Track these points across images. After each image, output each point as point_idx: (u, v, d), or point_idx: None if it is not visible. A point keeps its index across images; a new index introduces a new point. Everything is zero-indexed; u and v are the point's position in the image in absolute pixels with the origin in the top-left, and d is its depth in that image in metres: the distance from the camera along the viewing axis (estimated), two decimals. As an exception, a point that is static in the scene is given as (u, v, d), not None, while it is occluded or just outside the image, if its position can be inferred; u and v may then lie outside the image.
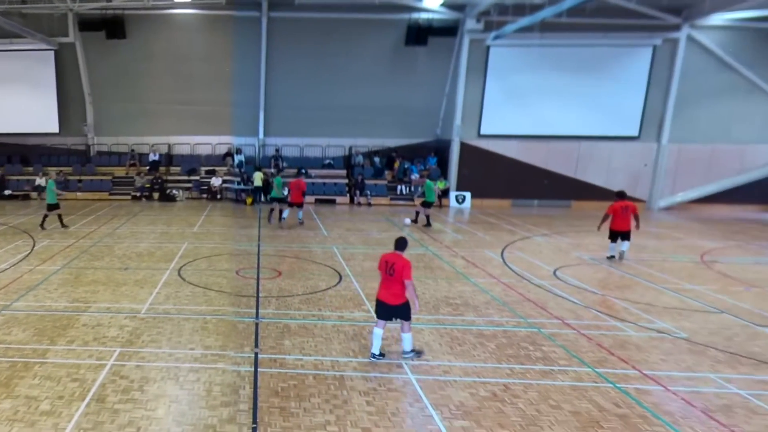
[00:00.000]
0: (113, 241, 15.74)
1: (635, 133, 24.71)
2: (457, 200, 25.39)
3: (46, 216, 17.24)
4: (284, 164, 26.28)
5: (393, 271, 7.50)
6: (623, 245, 14.27)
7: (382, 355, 7.75)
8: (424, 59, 25.25)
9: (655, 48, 23.69)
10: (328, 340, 8.30)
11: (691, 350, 8.24)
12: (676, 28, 23.21)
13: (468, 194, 25.43)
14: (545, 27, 21.92)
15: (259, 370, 7.22)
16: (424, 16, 24.12)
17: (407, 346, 7.78)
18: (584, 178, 25.17)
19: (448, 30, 24.22)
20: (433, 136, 26.82)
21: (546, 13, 18.58)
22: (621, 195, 14.32)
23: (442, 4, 23.24)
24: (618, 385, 6.97)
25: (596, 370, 7.43)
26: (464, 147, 25.25)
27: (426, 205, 18.88)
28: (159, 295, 10.43)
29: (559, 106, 24.45)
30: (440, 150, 26.43)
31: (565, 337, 8.60)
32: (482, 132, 25.11)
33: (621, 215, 13.99)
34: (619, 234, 14.17)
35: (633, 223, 13.99)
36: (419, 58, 25.22)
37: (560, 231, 18.83)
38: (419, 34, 24.04)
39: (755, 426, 6.08)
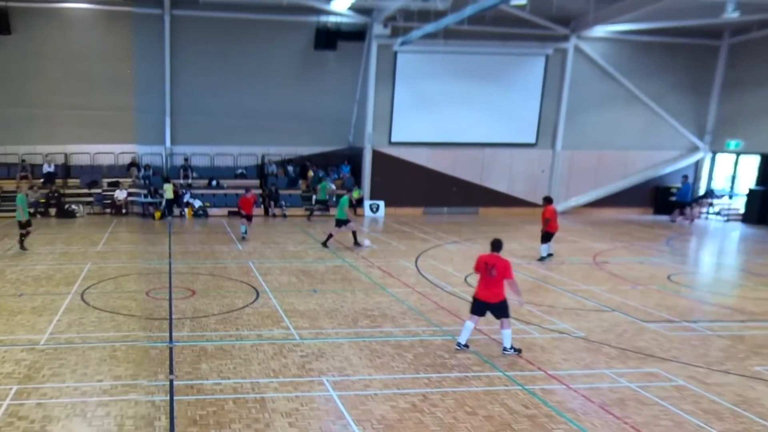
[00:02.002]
0: (4, 264, 14.39)
1: (533, 140, 26.16)
2: (372, 209, 25.69)
3: (22, 235, 15.65)
4: (194, 174, 25.30)
5: (495, 271, 8.16)
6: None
7: (466, 346, 8.68)
8: (334, 64, 25.17)
9: (547, 57, 25.19)
10: (247, 361, 8.20)
11: (588, 348, 9.02)
12: (565, 38, 24.89)
13: (382, 203, 25.82)
14: (449, 34, 22.46)
15: (175, 398, 6.99)
16: (332, 19, 24.02)
17: (507, 342, 8.48)
18: (489, 185, 26.35)
19: (357, 34, 24.28)
20: (346, 143, 26.92)
21: (449, 20, 19.17)
22: (549, 200, 15.80)
23: (350, 8, 23.22)
24: (526, 387, 7.50)
25: (506, 373, 7.94)
26: (376, 155, 25.55)
27: (337, 223, 17.14)
28: (60, 323, 9.73)
29: (464, 113, 25.25)
30: (353, 158, 26.58)
31: (478, 343, 9.08)
32: (393, 139, 25.47)
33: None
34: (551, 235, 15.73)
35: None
36: (329, 63, 25.11)
37: (469, 238, 19.70)
38: (328, 37, 23.89)
39: (645, 417, 6.78)
